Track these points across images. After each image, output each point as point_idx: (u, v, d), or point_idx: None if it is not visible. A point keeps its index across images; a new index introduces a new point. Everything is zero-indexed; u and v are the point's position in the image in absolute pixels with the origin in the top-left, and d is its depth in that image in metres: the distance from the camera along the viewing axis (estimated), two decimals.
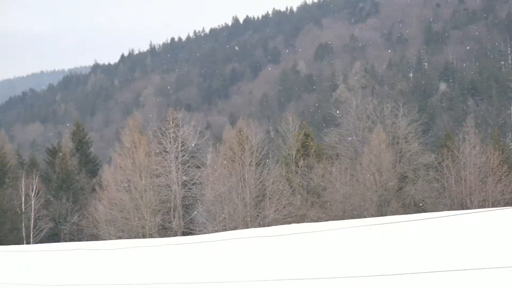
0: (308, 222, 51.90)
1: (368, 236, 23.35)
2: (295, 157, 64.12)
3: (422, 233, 24.03)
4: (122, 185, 62.26)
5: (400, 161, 63.73)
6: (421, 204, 60.47)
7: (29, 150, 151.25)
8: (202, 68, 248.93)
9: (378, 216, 53.49)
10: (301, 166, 62.74)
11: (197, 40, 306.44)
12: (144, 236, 57.48)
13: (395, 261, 16.55)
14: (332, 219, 51.48)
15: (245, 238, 19.34)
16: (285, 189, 59.20)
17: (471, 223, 27.11)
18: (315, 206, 60.27)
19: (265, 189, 58.76)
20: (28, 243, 66.58)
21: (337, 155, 67.60)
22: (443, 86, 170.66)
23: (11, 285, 12.62)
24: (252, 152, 59.26)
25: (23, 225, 68.64)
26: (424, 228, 25.37)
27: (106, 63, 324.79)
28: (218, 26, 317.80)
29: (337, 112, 74.53)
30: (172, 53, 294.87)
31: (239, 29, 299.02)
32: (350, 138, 68.34)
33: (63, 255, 20.57)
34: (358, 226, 25.83)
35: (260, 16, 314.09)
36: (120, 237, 57.72)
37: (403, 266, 14.71)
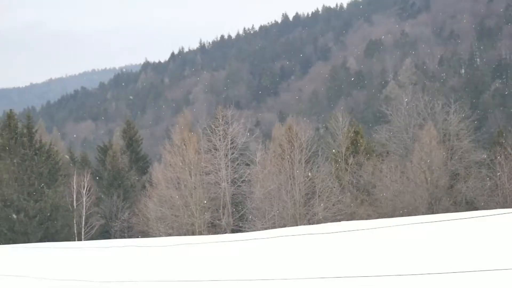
0: (357, 219, 51.50)
1: (419, 234, 23.04)
2: (344, 155, 63.75)
3: (474, 231, 23.62)
4: (172, 183, 62.62)
5: (451, 158, 62.93)
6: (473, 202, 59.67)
7: (81, 147, 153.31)
8: (251, 65, 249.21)
9: (429, 214, 52.91)
10: (351, 164, 62.34)
11: (247, 37, 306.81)
12: (193, 234, 57.73)
13: (448, 259, 16.27)
14: (382, 217, 50.92)
15: (294, 235, 19.22)
16: (334, 187, 58.87)
17: None
18: (365, 203, 59.82)
19: (315, 186, 58.48)
20: (79, 239, 67.35)
21: (387, 153, 67.09)
22: (496, 83, 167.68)
23: (63, 281, 12.71)
24: (301, 150, 59.05)
25: (74, 222, 69.44)
26: (476, 226, 24.98)
27: (157, 61, 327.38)
28: (268, 23, 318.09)
29: (387, 109, 73.83)
30: (221, 50, 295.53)
31: (289, 26, 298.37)
32: (400, 135, 67.84)
33: (114, 252, 20.70)
34: (408, 224, 25.52)
35: (309, 13, 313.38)
36: (169, 234, 58.08)
37: (456, 264, 14.44)
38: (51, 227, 66.26)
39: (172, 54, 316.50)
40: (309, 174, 59.02)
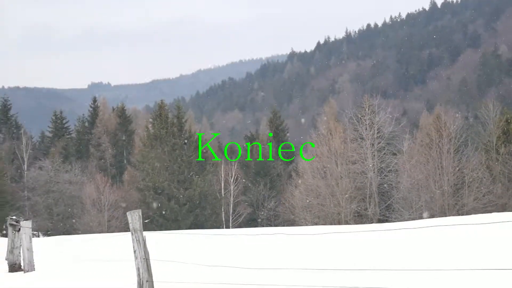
0: (509, 211, 49.79)
1: None
2: (495, 144, 61.71)
3: None
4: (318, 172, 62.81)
5: None
6: None
7: (228, 137, 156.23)
8: (398, 54, 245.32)
9: None
10: (502, 154, 60.24)
11: (393, 25, 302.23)
12: (339, 223, 57.64)
13: None
14: None
15: (443, 226, 18.82)
16: (485, 177, 57.16)
17: None
18: None
19: (464, 177, 57.02)
20: (227, 227, 68.78)
21: None
22: None
23: (215, 267, 13.03)
24: (450, 139, 57.74)
25: (222, 209, 70.97)
26: None
27: (302, 51, 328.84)
28: (415, 10, 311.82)
29: None
30: (368, 39, 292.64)
31: (437, 13, 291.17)
32: None
33: (264, 239, 20.98)
34: None
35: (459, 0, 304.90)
36: (315, 224, 58.23)
37: None
38: (200, 214, 68.07)
39: (318, 43, 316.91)
40: (458, 164, 57.62)
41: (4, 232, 69.32)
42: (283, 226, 62.07)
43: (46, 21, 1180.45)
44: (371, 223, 56.26)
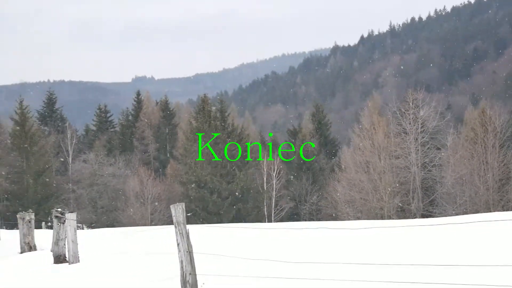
0: None
1: None
2: None
3: None
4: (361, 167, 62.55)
5: None
6: None
7: (271, 131, 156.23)
8: (443, 47, 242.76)
9: None
10: None
11: (438, 19, 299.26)
12: (382, 218, 57.34)
13: None
14: None
15: (487, 221, 18.61)
16: None
17: None
18: None
19: (509, 172, 56.31)
20: (269, 221, 68.78)
21: None
22: None
23: (257, 261, 13.06)
24: (495, 134, 57.04)
25: (265, 203, 71.01)
26: None
27: (346, 44, 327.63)
28: (460, 3, 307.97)
29: None
30: (412, 33, 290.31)
31: (483, 6, 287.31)
32: None
33: (307, 233, 20.94)
34: None
35: None
36: (358, 218, 58.04)
37: None
38: (242, 208, 68.18)
39: (362, 37, 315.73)
40: (504, 159, 56.90)
41: (50, 224, 70.29)
42: (325, 220, 61.94)
43: (91, 16, 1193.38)
44: (414, 218, 55.91)
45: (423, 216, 58.08)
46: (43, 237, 27.91)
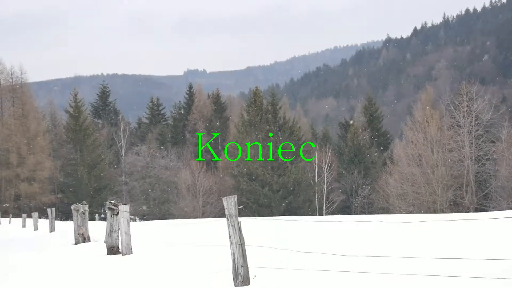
0: None
1: None
2: None
3: None
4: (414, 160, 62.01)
5: None
6: None
7: (322, 124, 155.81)
8: (498, 39, 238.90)
9: None
10: None
11: (493, 10, 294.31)
12: (435, 211, 56.74)
13: None
14: None
15: None
16: None
17: None
18: None
19: None
20: (320, 214, 68.66)
21: None
22: None
23: (307, 253, 13.01)
24: None
25: (316, 196, 70.86)
26: None
27: (398, 37, 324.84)
28: None
29: None
30: (466, 24, 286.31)
31: None
32: None
33: (359, 226, 20.81)
34: None
35: None
36: (410, 212, 57.52)
37: None
38: (293, 201, 68.17)
39: (415, 29, 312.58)
40: None
41: (103, 216, 71.18)
42: (377, 214, 61.55)
43: (144, 9, 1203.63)
44: (468, 212, 55.18)
45: (477, 210, 57.33)
46: (97, 228, 28.28)
